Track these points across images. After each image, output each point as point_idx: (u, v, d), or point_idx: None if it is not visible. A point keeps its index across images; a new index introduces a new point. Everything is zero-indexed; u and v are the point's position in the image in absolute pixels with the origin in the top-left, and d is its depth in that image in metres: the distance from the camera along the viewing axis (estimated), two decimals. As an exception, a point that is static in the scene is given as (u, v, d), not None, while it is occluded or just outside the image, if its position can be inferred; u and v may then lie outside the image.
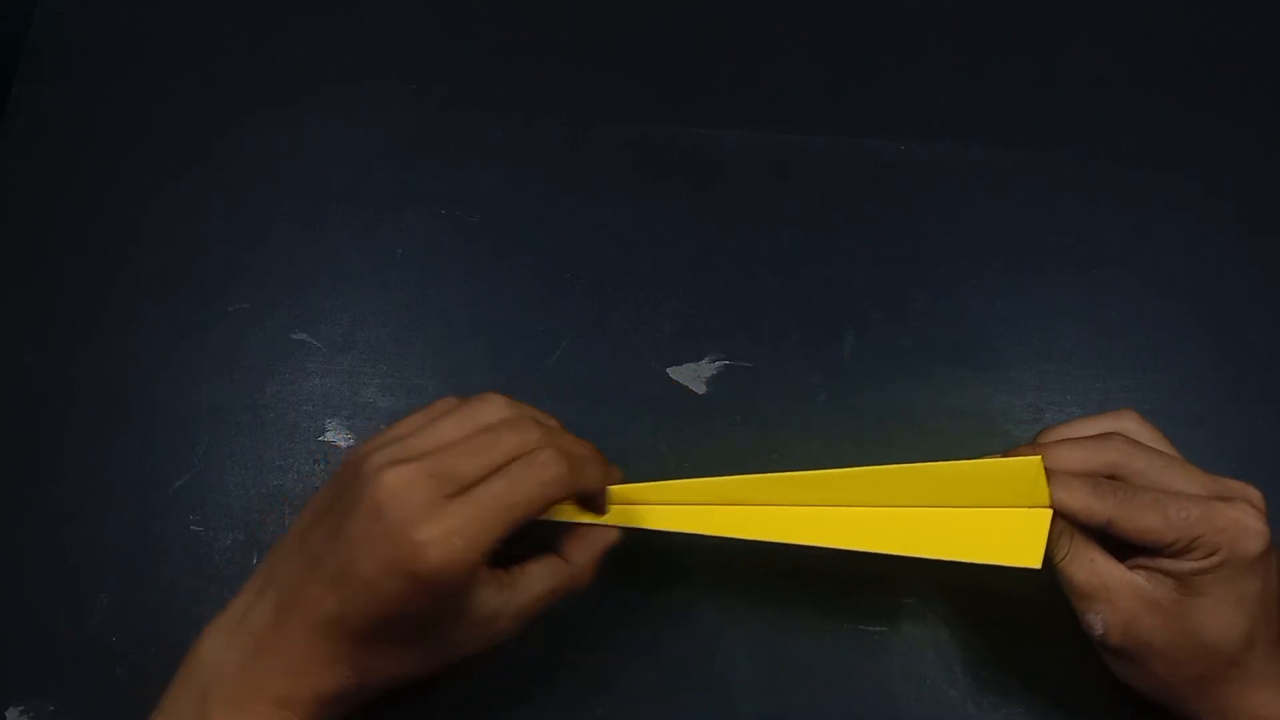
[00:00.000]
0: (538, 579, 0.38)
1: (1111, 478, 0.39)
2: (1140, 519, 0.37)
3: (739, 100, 0.56)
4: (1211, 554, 0.36)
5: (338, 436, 0.49)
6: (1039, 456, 0.38)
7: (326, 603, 0.35)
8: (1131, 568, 0.38)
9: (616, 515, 0.41)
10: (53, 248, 0.52)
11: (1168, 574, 0.37)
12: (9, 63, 0.56)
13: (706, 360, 0.50)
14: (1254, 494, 0.38)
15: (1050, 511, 0.38)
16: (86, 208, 0.53)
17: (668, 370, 0.50)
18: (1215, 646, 0.37)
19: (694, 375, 0.50)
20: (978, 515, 0.39)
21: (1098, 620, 0.38)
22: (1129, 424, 0.41)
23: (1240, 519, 0.37)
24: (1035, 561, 0.38)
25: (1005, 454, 0.40)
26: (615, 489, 0.41)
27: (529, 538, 0.38)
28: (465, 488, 0.35)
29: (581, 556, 0.40)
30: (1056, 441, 0.40)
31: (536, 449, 0.37)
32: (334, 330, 0.51)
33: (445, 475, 0.35)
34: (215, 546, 0.47)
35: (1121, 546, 0.39)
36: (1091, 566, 0.38)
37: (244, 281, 0.52)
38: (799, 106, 0.56)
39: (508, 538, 0.36)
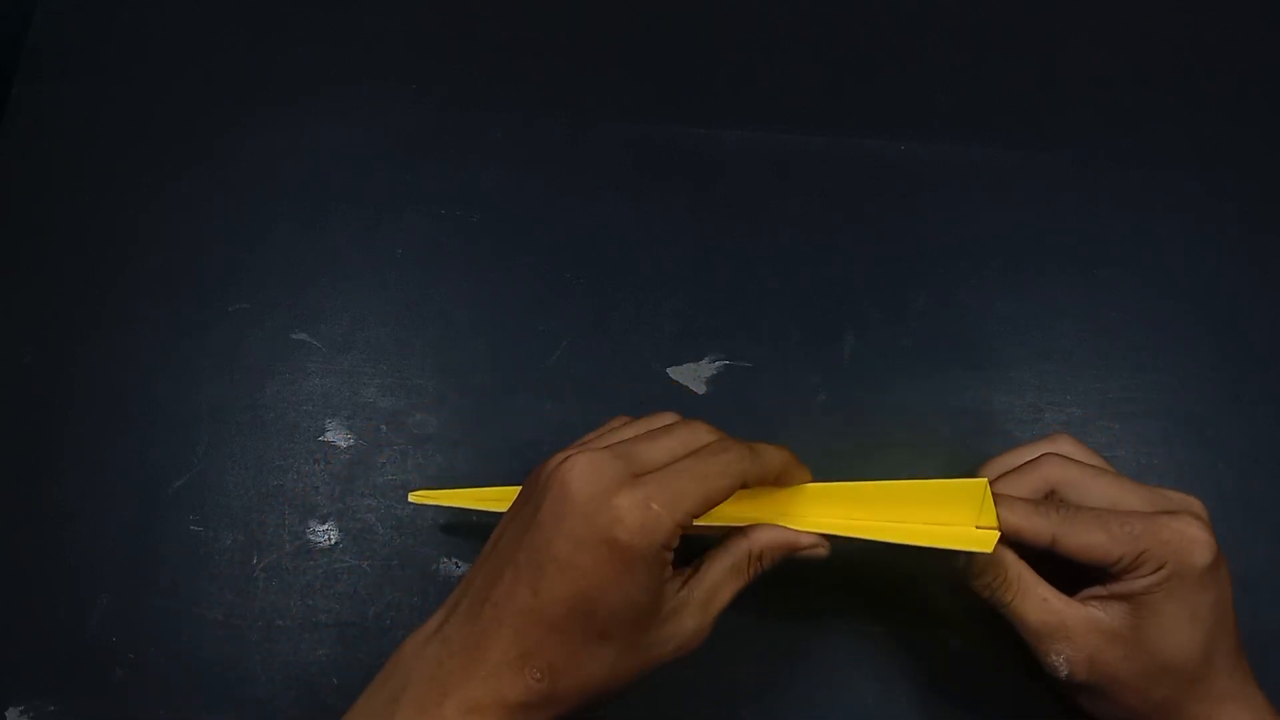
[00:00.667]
0: (715, 567, 0.38)
1: (1052, 495, 0.39)
2: (1084, 535, 0.37)
3: (739, 100, 0.56)
4: (1159, 568, 0.36)
5: (338, 436, 0.49)
6: (985, 479, 0.38)
7: (520, 594, 0.34)
8: (1083, 601, 0.38)
9: None
10: (53, 248, 0.52)
11: (1119, 599, 0.37)
12: (9, 63, 0.56)
13: (706, 360, 0.50)
14: (1196, 505, 0.38)
15: (997, 533, 0.38)
16: (86, 208, 0.53)
17: (668, 370, 0.50)
18: (1177, 666, 0.36)
19: (694, 375, 0.50)
20: (929, 532, 0.39)
21: (1061, 660, 0.37)
22: (1064, 445, 0.41)
23: (1184, 530, 0.36)
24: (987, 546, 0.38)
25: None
26: None
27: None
28: (651, 471, 0.35)
29: (755, 545, 0.38)
30: (998, 478, 0.41)
31: (716, 440, 0.37)
32: (334, 330, 0.51)
33: (631, 458, 0.35)
34: (215, 546, 0.47)
35: (1069, 582, 0.38)
36: (1045, 605, 0.38)
37: (244, 281, 0.52)
38: (799, 106, 0.56)
39: (698, 514, 0.35)
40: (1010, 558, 0.38)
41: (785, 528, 0.39)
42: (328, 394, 0.50)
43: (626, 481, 0.34)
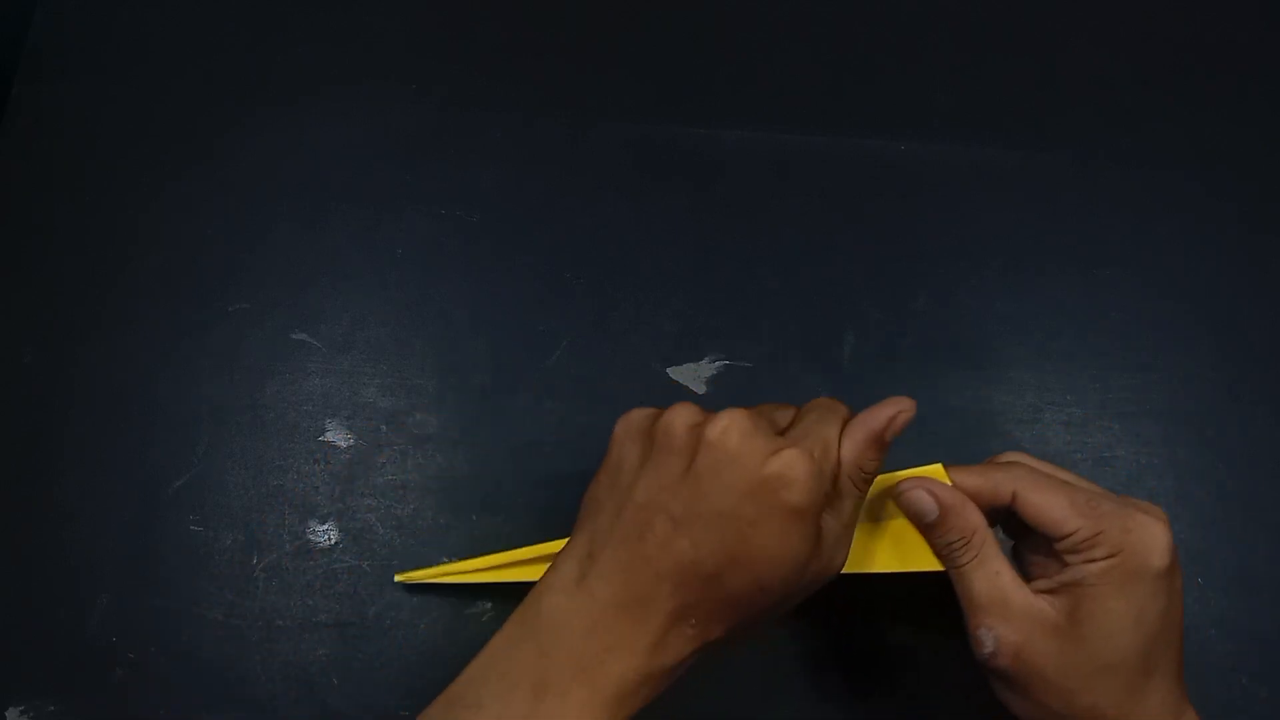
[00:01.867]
0: (845, 488, 0.37)
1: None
2: (1047, 495, 0.36)
3: (739, 100, 0.56)
4: (1114, 554, 0.35)
5: (338, 436, 0.49)
6: (939, 465, 0.38)
7: (679, 546, 0.34)
8: (1032, 590, 0.37)
9: None
10: (53, 248, 0.52)
11: (1065, 590, 0.36)
12: (9, 63, 0.56)
13: (706, 360, 0.50)
14: (1163, 515, 0.36)
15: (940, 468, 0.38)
16: (86, 208, 0.53)
17: (668, 370, 0.50)
18: (1112, 668, 0.35)
19: (694, 375, 0.50)
20: (896, 526, 0.39)
21: (989, 636, 0.36)
22: (1023, 458, 0.40)
23: (1149, 526, 0.35)
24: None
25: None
26: None
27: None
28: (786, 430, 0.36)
29: (850, 451, 0.37)
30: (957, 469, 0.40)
31: (821, 401, 0.38)
32: (334, 330, 0.51)
33: (770, 419, 0.36)
34: (215, 546, 0.47)
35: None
36: (995, 579, 0.37)
37: (244, 281, 0.52)
38: (799, 106, 0.56)
39: (846, 461, 0.36)
40: (981, 524, 0.37)
41: (866, 420, 0.38)
42: (328, 394, 0.50)
43: (779, 438, 0.35)
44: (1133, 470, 0.49)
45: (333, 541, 0.47)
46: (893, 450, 0.37)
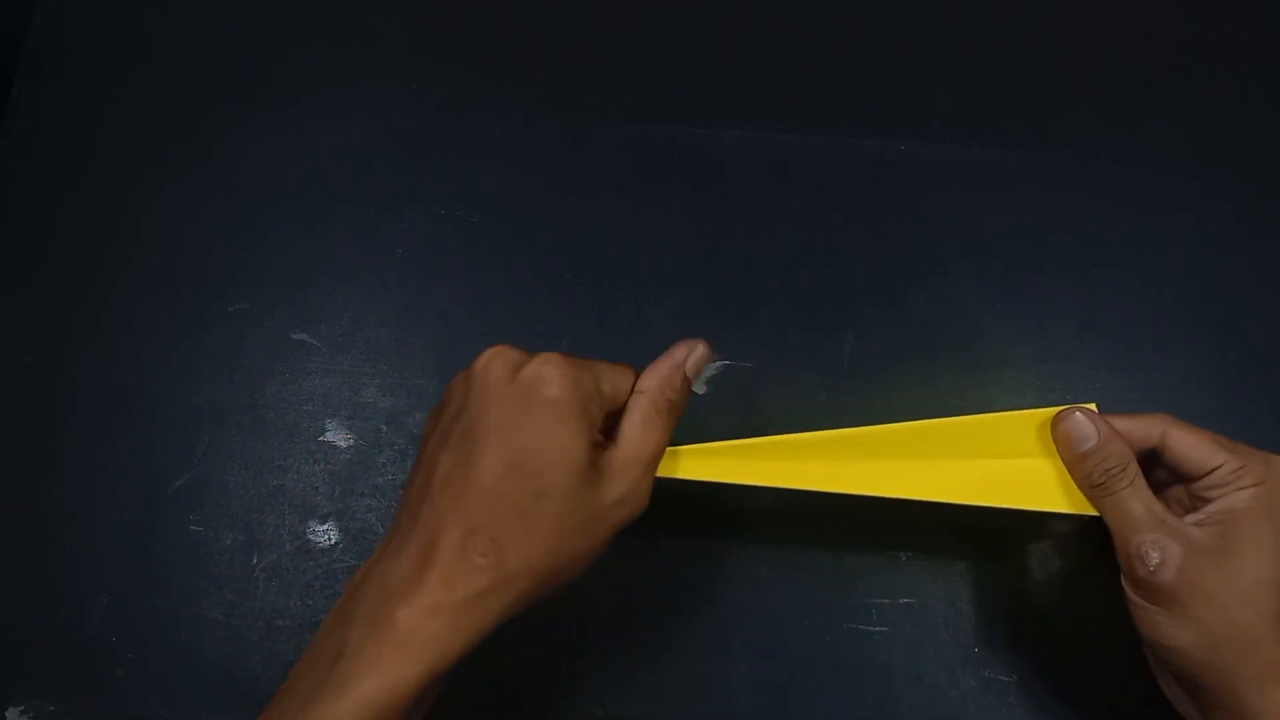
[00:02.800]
0: (628, 422, 0.38)
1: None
2: (1194, 435, 0.39)
3: (739, 100, 0.56)
4: (1259, 483, 0.37)
5: (338, 436, 0.49)
6: (1093, 404, 0.40)
7: (456, 474, 0.35)
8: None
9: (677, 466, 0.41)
10: (53, 248, 0.52)
11: (1212, 523, 0.38)
12: (9, 63, 0.56)
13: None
14: None
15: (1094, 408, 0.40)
16: (86, 208, 0.53)
17: (668, 370, 0.50)
18: (1266, 583, 0.36)
19: (694, 375, 0.50)
20: (1030, 465, 0.41)
21: (1154, 551, 0.37)
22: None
23: None
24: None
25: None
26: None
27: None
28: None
29: (646, 386, 0.39)
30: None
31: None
32: (334, 330, 0.51)
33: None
34: (215, 546, 0.47)
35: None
36: (1150, 502, 0.38)
37: (244, 281, 0.52)
38: (799, 106, 0.56)
39: (612, 392, 0.38)
40: (1129, 454, 0.39)
41: (663, 361, 0.40)
42: (328, 394, 0.50)
43: (542, 357, 0.37)
44: (1133, 470, 0.49)
45: (333, 541, 0.47)
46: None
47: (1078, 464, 0.40)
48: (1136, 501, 0.39)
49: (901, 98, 0.56)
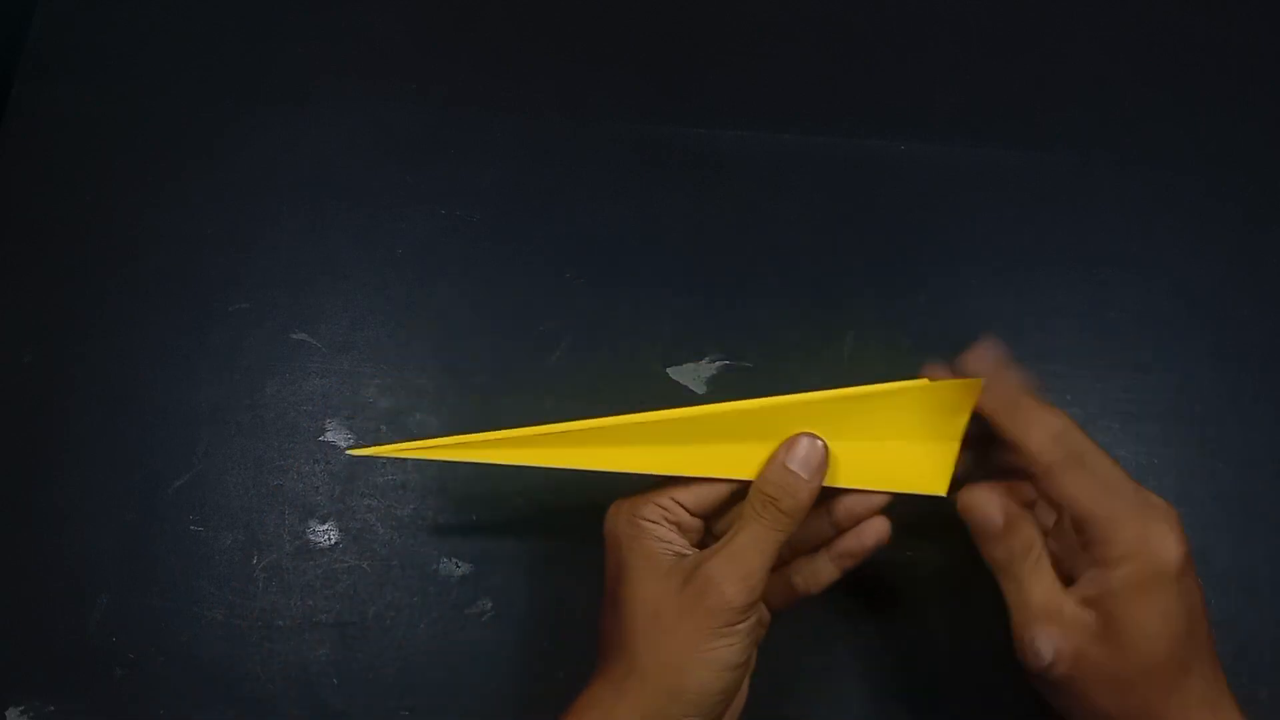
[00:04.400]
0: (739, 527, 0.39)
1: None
2: (1074, 479, 0.37)
3: (738, 100, 0.56)
4: (1127, 561, 0.36)
5: (338, 436, 0.49)
6: (980, 380, 0.38)
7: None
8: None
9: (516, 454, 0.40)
10: (53, 248, 0.52)
11: (1092, 603, 0.36)
12: (9, 63, 0.56)
13: (706, 360, 0.50)
14: (1172, 513, 0.37)
15: (957, 443, 0.39)
16: (86, 208, 0.53)
17: (668, 370, 0.50)
18: (1152, 669, 0.36)
19: (694, 375, 0.50)
20: (888, 448, 0.40)
21: (1048, 645, 0.36)
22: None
23: (1160, 528, 0.36)
24: (941, 489, 0.40)
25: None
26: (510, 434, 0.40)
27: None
28: None
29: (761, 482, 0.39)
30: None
31: None
32: (334, 330, 0.51)
33: None
34: (215, 546, 0.47)
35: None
36: (1051, 589, 0.37)
37: (244, 281, 0.52)
38: (798, 106, 0.56)
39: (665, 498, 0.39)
40: (1037, 534, 0.38)
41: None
42: (328, 394, 0.50)
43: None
44: (1133, 470, 0.48)
45: (333, 541, 0.47)
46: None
47: (982, 543, 0.39)
48: (1037, 588, 0.37)
49: (901, 98, 0.56)
